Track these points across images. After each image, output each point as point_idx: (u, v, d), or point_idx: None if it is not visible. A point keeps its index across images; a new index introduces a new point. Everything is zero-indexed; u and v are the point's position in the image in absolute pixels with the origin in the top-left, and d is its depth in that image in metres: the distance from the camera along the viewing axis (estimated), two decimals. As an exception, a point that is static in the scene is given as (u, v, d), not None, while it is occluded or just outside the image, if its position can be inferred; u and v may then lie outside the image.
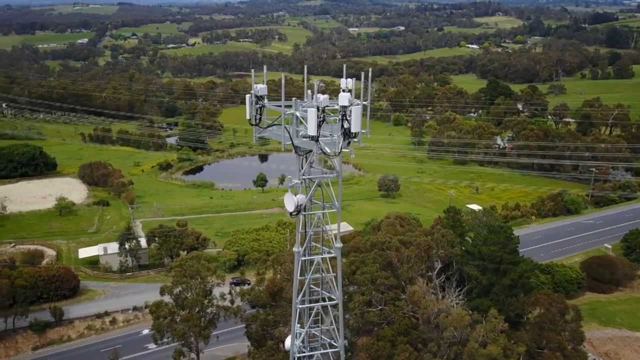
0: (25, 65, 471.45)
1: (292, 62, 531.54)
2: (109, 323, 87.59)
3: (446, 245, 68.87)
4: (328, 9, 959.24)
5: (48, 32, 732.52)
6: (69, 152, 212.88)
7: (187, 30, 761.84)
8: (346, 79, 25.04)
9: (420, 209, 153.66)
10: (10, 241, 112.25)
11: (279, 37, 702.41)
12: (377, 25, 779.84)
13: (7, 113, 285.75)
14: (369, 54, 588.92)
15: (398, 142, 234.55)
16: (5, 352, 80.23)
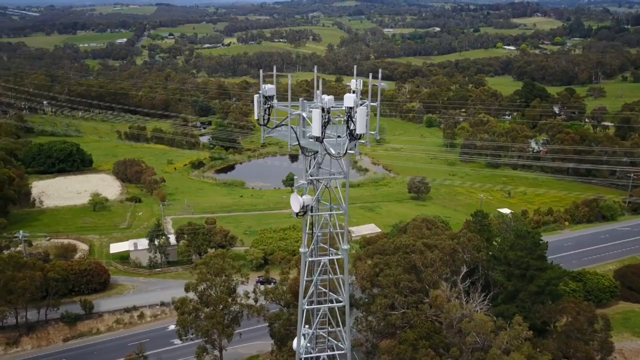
0: (66, 64, 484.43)
1: (326, 62, 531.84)
2: (137, 317, 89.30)
3: (472, 250, 67.85)
4: (363, 10, 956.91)
5: (89, 32, 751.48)
6: (105, 149, 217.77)
7: (223, 30, 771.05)
8: (356, 80, 24.83)
9: (451, 212, 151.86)
10: (46, 235, 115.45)
11: (313, 37, 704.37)
12: (412, 26, 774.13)
13: (48, 110, 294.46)
14: (403, 55, 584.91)
15: (430, 144, 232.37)
16: (38, 342, 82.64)
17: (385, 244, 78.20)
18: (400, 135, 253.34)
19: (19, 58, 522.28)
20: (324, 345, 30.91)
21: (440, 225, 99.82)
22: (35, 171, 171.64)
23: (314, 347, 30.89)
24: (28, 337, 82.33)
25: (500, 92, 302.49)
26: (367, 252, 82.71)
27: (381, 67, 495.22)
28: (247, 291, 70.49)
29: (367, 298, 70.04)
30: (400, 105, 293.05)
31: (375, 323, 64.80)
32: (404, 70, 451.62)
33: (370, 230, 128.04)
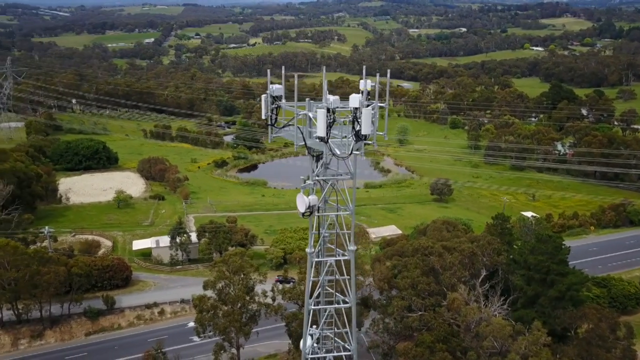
0: (95, 64, 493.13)
1: (350, 62, 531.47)
2: (157, 314, 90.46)
3: (492, 253, 67.08)
4: (388, 10, 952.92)
5: (117, 32, 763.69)
6: (131, 147, 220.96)
7: (248, 30, 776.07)
8: (365, 80, 24.74)
9: (473, 214, 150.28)
10: (71, 231, 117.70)
11: (338, 37, 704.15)
12: (438, 27, 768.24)
13: (77, 109, 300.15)
14: (429, 55, 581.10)
15: (453, 146, 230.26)
16: (61, 336, 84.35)
17: (404, 246, 77.84)
18: (423, 136, 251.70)
19: (50, 57, 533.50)
20: (331, 346, 30.88)
21: (462, 227, 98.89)
22: (63, 168, 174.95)
23: (321, 348, 30.90)
24: (52, 331, 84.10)
25: (527, 94, 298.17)
26: (385, 254, 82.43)
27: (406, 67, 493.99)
28: (265, 290, 70.82)
29: (385, 300, 69.85)
30: (424, 106, 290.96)
31: (393, 325, 64.55)
32: (429, 71, 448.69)
33: (390, 232, 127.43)
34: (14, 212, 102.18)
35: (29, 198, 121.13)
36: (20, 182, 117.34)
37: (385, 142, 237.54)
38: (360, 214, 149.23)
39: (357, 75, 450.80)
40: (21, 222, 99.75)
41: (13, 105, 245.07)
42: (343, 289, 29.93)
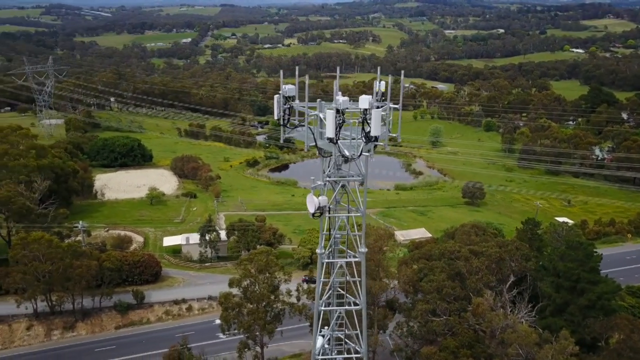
0: (133, 63, 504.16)
1: (385, 63, 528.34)
2: (185, 310, 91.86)
3: (520, 259, 65.82)
4: (424, 11, 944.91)
5: (156, 32, 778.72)
6: (165, 145, 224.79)
7: (284, 31, 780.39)
8: (378, 81, 24.60)
9: (505, 219, 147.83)
10: (104, 226, 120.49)
11: (372, 38, 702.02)
12: (475, 28, 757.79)
13: (115, 107, 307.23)
14: (465, 56, 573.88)
15: (487, 149, 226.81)
16: (92, 328, 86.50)
17: (432, 249, 77.07)
18: (457, 138, 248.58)
19: (91, 56, 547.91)
20: (342, 348, 30.84)
21: (492, 232, 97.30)
22: (99, 164, 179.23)
23: (332, 349, 30.86)
24: (83, 323, 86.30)
25: (565, 97, 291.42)
26: (413, 257, 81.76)
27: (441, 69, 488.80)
28: (290, 289, 71.09)
29: (410, 303, 69.32)
30: (459, 108, 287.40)
31: (417, 328, 64.00)
32: (464, 73, 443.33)
33: (420, 235, 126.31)
34: (50, 207, 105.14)
35: (66, 193, 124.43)
36: (57, 178, 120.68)
37: (417, 143, 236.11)
38: (389, 216, 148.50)
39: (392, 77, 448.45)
40: (57, 217, 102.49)
41: (54, 103, 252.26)
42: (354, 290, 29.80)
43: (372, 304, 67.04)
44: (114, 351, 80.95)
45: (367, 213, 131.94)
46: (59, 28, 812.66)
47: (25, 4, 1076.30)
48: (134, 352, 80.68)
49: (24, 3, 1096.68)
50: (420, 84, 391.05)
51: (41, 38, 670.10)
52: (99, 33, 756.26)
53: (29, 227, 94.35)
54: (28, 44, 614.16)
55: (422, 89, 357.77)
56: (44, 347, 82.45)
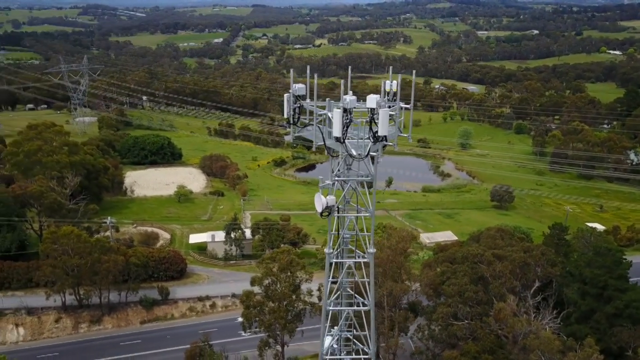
0: (166, 62, 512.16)
1: (415, 64, 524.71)
2: (209, 307, 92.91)
3: (545, 264, 64.55)
4: (457, 12, 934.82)
5: (188, 32, 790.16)
6: (195, 143, 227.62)
7: (315, 31, 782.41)
8: (390, 81, 24.42)
9: (534, 223, 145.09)
10: (133, 222, 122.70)
11: (403, 39, 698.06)
12: (509, 29, 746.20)
13: (147, 106, 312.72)
14: (497, 58, 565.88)
15: (518, 151, 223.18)
16: (118, 322, 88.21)
17: (455, 253, 76.20)
18: (486, 141, 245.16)
19: (125, 56, 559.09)
20: (351, 349, 30.74)
21: (520, 236, 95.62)
22: (130, 162, 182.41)
23: (341, 349, 30.79)
24: (109, 317, 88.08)
25: (600, 100, 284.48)
26: (436, 260, 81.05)
27: (472, 70, 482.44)
28: (311, 289, 71.20)
29: (433, 306, 68.70)
30: (489, 110, 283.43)
31: (438, 332, 63.39)
32: (496, 74, 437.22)
33: (446, 238, 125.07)
34: (81, 202, 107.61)
35: (96, 189, 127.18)
36: (88, 174, 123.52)
37: (446, 145, 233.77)
38: (416, 218, 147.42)
39: (422, 77, 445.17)
40: (87, 212, 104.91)
41: (88, 101, 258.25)
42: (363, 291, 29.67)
43: (394, 306, 66.64)
44: (139, 345, 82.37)
45: (393, 215, 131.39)
46: (95, 28, 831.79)
47: (64, 5, 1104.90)
48: (158, 347, 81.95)
49: (62, 3, 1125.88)
50: (450, 85, 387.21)
51: (78, 38, 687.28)
52: (134, 33, 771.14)
53: (60, 222, 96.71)
54: (65, 43, 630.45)
55: (452, 90, 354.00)
56: (72, 339, 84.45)
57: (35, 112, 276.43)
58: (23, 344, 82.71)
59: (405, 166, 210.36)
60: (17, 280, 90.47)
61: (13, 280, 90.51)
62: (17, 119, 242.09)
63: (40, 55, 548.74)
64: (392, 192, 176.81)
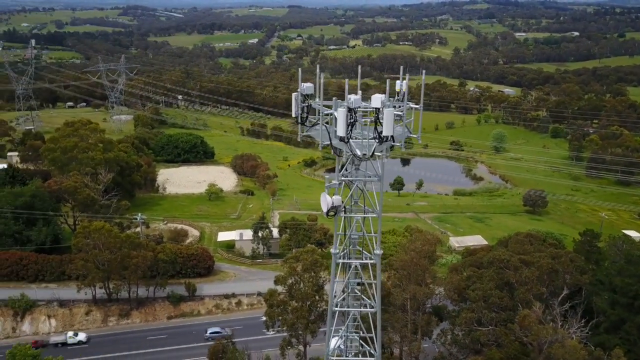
0: (201, 62, 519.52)
1: (450, 66, 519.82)
2: (234, 304, 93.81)
3: (574, 271, 62.93)
4: (494, 13, 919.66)
5: (225, 32, 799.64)
6: (227, 143, 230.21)
7: (349, 32, 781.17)
8: (401, 81, 24.17)
9: (568, 229, 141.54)
10: (163, 219, 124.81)
11: (439, 40, 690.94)
12: (548, 30, 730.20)
13: (181, 105, 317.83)
14: (535, 60, 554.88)
15: (553, 156, 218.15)
16: (145, 317, 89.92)
17: (483, 257, 75.00)
18: (521, 144, 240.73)
19: (162, 56, 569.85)
20: (357, 350, 30.54)
21: (552, 242, 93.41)
22: (163, 159, 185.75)
23: (347, 350, 30.61)
24: (137, 311, 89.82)
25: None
26: (463, 264, 79.91)
27: (509, 72, 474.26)
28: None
29: (456, 310, 67.81)
30: (525, 113, 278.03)
31: (461, 337, 62.52)
32: (533, 77, 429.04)
33: (475, 242, 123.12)
34: (113, 198, 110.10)
35: (129, 186, 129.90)
36: (122, 171, 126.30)
37: (479, 148, 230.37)
38: (445, 221, 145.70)
39: (457, 79, 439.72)
40: (119, 208, 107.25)
41: (125, 99, 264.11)
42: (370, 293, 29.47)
43: (417, 309, 66.02)
44: (165, 340, 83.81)
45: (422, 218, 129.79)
46: (134, 28, 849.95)
47: (105, 5, 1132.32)
48: (183, 342, 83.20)
49: (103, 4, 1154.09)
50: (485, 88, 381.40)
51: (117, 38, 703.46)
52: (171, 33, 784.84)
53: (92, 217, 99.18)
54: (105, 43, 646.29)
55: (487, 93, 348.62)
56: (101, 331, 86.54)
57: (75, 110, 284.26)
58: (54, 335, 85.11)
59: (436, 169, 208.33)
60: (51, 273, 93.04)
61: (47, 272, 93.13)
62: (56, 116, 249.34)
63: (81, 54, 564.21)
64: (422, 195, 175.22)
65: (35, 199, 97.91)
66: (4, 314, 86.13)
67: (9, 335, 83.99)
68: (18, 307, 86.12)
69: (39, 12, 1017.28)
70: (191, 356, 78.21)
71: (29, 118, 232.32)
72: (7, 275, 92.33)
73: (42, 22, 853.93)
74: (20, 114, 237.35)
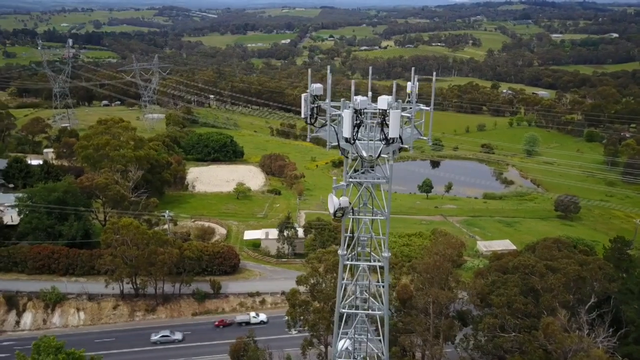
0: (234, 62, 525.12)
1: (483, 68, 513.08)
2: (258, 303, 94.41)
3: (603, 279, 61.34)
4: (530, 14, 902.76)
5: (257, 33, 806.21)
6: (257, 142, 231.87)
7: (382, 33, 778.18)
8: (412, 83, 23.94)
9: (601, 236, 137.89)
10: (191, 217, 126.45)
11: (472, 42, 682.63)
12: (585, 32, 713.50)
13: (213, 104, 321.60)
14: (571, 62, 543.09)
15: (587, 160, 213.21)
16: (171, 312, 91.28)
17: (508, 262, 73.75)
18: (554, 148, 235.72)
19: (195, 55, 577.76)
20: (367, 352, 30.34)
21: (582, 248, 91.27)
22: (194, 158, 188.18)
23: (355, 352, 30.44)
24: (163, 307, 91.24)
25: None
26: (489, 269, 78.78)
27: (544, 74, 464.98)
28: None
29: (480, 316, 66.83)
30: (559, 116, 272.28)
31: (484, 343, 61.61)
32: (569, 79, 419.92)
33: (503, 247, 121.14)
34: (142, 195, 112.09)
35: (159, 184, 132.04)
36: (152, 169, 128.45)
37: (511, 151, 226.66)
38: (474, 225, 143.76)
39: (489, 81, 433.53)
40: (147, 205, 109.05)
41: (157, 98, 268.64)
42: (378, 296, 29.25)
43: (440, 313, 65.34)
44: (189, 336, 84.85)
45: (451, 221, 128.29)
46: (169, 28, 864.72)
47: (141, 6, 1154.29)
48: (207, 339, 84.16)
49: (140, 4, 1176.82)
50: (519, 90, 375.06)
51: (153, 37, 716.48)
52: (205, 33, 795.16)
53: (122, 214, 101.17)
54: (141, 42, 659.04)
55: (520, 95, 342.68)
56: (128, 326, 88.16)
57: (109, 108, 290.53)
58: (83, 328, 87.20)
59: (466, 172, 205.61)
60: (81, 267, 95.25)
61: (77, 266, 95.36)
62: (91, 114, 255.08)
63: (117, 54, 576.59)
64: (451, 198, 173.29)
65: (67, 194, 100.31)
66: (36, 306, 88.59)
67: (40, 327, 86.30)
68: (49, 299, 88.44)
69: (78, 13, 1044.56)
70: (213, 353, 79.03)
71: (65, 116, 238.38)
72: (39, 268, 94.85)
73: (80, 22, 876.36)
74: (57, 112, 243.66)
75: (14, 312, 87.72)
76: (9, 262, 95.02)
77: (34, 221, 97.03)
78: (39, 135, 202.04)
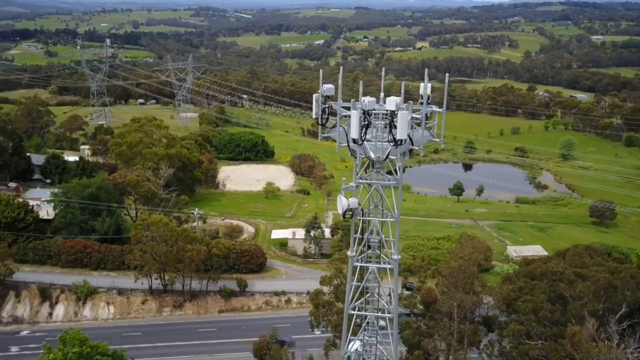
0: (267, 63, 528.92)
1: (520, 69, 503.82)
2: (284, 302, 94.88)
3: (635, 288, 59.54)
4: (570, 15, 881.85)
5: (292, 33, 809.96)
6: (288, 142, 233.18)
7: (416, 34, 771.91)
8: (425, 84, 23.74)
9: (637, 243, 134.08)
10: (220, 215, 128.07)
11: (509, 43, 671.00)
12: (628, 33, 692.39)
13: (246, 104, 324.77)
14: (612, 64, 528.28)
15: (626, 165, 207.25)
16: (198, 309, 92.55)
17: (537, 268, 72.34)
18: (591, 152, 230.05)
19: (230, 55, 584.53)
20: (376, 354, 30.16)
21: (617, 256, 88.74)
22: (225, 157, 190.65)
23: (364, 355, 30.28)
24: (190, 304, 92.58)
25: None
26: (517, 274, 77.46)
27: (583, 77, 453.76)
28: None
29: (505, 322, 65.74)
30: (596, 120, 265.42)
31: (509, 349, 60.56)
32: (609, 82, 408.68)
33: (534, 252, 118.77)
34: (173, 193, 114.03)
35: (190, 182, 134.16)
36: (183, 167, 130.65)
37: (545, 155, 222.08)
38: (505, 229, 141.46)
39: (526, 84, 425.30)
40: (178, 202, 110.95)
41: (191, 98, 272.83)
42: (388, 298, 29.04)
43: (464, 318, 64.53)
44: (215, 333, 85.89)
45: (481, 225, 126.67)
46: (205, 28, 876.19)
47: (179, 6, 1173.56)
48: (232, 336, 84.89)
49: (177, 5, 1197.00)
50: (555, 93, 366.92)
51: (189, 38, 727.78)
52: (240, 34, 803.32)
53: (152, 210, 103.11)
54: (177, 42, 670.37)
55: (557, 98, 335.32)
56: (155, 321, 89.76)
57: (144, 107, 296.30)
58: (112, 322, 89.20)
59: (499, 175, 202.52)
60: (112, 262, 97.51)
61: (108, 261, 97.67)
62: (127, 112, 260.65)
63: (154, 53, 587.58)
64: (482, 201, 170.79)
65: (100, 190, 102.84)
66: (68, 299, 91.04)
67: (71, 319, 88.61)
68: (81, 292, 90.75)
69: (118, 13, 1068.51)
70: (238, 351, 79.71)
71: (102, 114, 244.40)
72: (72, 262, 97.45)
73: (120, 22, 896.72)
74: (94, 110, 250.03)
75: (47, 303, 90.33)
76: (43, 255, 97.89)
77: (68, 216, 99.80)
78: (76, 132, 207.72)
